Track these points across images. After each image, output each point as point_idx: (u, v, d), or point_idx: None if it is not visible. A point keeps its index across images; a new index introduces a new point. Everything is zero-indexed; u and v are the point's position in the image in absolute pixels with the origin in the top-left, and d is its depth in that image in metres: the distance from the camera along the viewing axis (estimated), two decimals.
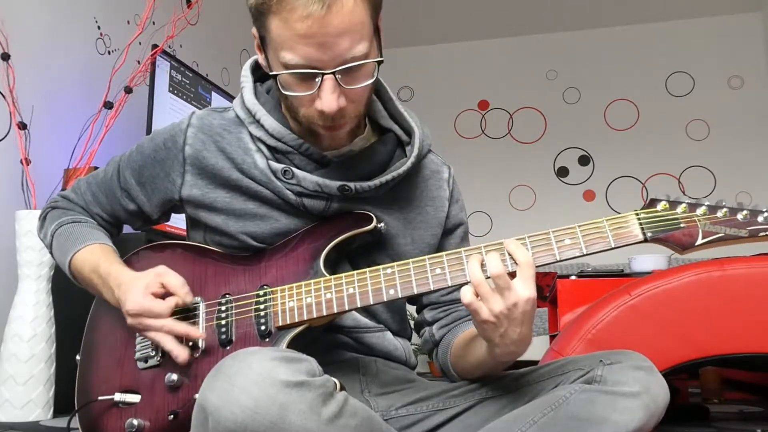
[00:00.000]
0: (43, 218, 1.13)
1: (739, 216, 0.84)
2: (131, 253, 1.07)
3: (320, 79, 0.86)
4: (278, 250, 0.99)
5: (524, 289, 0.82)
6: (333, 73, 0.86)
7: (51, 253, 1.09)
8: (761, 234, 0.83)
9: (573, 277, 2.39)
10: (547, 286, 4.55)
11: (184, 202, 1.03)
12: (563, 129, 5.35)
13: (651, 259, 2.54)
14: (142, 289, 0.92)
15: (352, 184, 0.96)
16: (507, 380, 0.97)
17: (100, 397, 0.95)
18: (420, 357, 4.92)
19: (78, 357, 1.03)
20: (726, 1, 4.97)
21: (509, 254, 0.85)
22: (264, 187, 0.99)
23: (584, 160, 5.28)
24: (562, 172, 5.30)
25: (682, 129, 5.11)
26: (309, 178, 0.96)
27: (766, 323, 1.55)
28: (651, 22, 5.26)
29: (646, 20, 5.24)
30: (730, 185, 4.89)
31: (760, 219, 0.83)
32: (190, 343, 0.93)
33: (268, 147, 0.99)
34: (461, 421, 0.95)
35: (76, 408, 0.98)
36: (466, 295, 0.83)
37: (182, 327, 0.91)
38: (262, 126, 0.98)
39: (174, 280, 0.93)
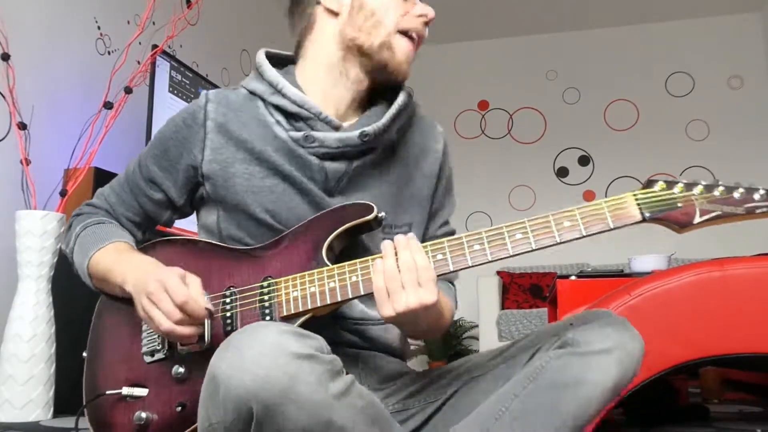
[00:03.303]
0: (68, 227, 1.14)
1: (736, 194, 0.85)
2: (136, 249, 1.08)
3: None
4: (281, 242, 1.00)
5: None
6: None
7: (72, 258, 1.09)
8: (758, 211, 0.85)
9: (573, 278, 2.39)
10: (547, 286, 4.56)
11: (204, 178, 1.05)
12: (563, 129, 5.35)
13: (651, 259, 2.54)
14: (176, 270, 0.93)
15: (369, 128, 1.02)
16: (488, 357, 1.00)
17: (108, 392, 0.95)
18: (420, 357, 4.92)
19: (84, 354, 1.04)
20: (726, 1, 4.97)
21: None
22: (285, 160, 1.02)
23: (584, 160, 5.28)
24: (562, 172, 5.30)
25: (682, 129, 5.11)
26: (331, 136, 1.02)
27: (766, 323, 1.55)
28: (651, 22, 5.26)
29: (646, 20, 5.24)
30: None
31: (756, 197, 0.85)
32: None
33: (287, 116, 1.04)
34: (451, 406, 0.98)
35: (84, 403, 0.99)
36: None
37: (186, 330, 0.91)
38: (285, 95, 1.04)
39: (197, 286, 0.94)
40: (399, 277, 0.86)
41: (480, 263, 0.89)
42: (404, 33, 1.05)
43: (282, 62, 1.14)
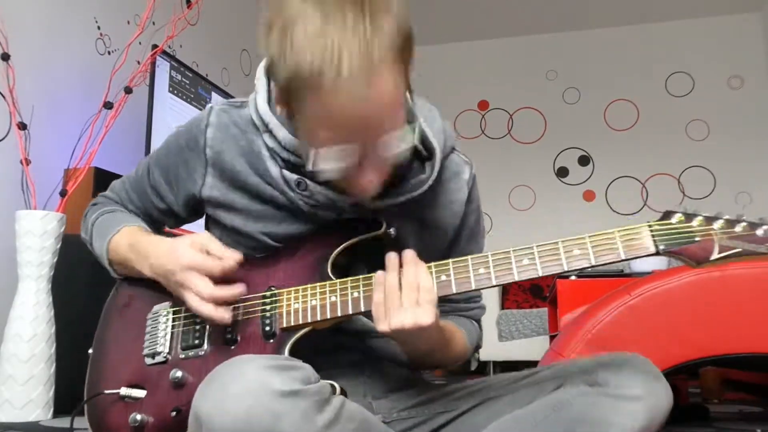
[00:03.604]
0: (84, 216, 1.15)
1: (759, 231, 0.80)
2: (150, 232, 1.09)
3: (361, 153, 0.84)
4: (288, 252, 0.99)
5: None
6: (372, 147, 0.83)
7: (91, 245, 1.10)
8: None
9: (573, 277, 2.39)
10: (547, 286, 4.56)
11: (204, 201, 1.03)
12: (563, 129, 5.35)
13: (651, 259, 2.54)
14: (189, 243, 0.92)
15: (366, 202, 0.94)
16: (509, 381, 0.97)
17: (106, 391, 0.95)
18: None
19: (90, 351, 1.04)
20: (726, 1, 4.97)
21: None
22: (280, 195, 0.98)
23: (584, 160, 5.28)
24: (562, 172, 5.30)
25: (682, 129, 5.11)
26: (323, 192, 0.94)
27: (766, 323, 1.55)
28: (651, 22, 5.26)
29: (646, 20, 5.24)
30: (729, 185, 4.89)
31: None
32: (197, 342, 0.94)
33: (282, 157, 0.97)
34: (463, 422, 0.96)
35: (84, 400, 0.99)
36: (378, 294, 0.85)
37: (227, 292, 0.90)
38: (275, 137, 0.96)
39: (217, 245, 0.92)
40: (399, 294, 0.84)
41: (484, 287, 0.86)
42: None
43: None
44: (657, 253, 0.82)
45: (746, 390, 2.88)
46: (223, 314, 0.89)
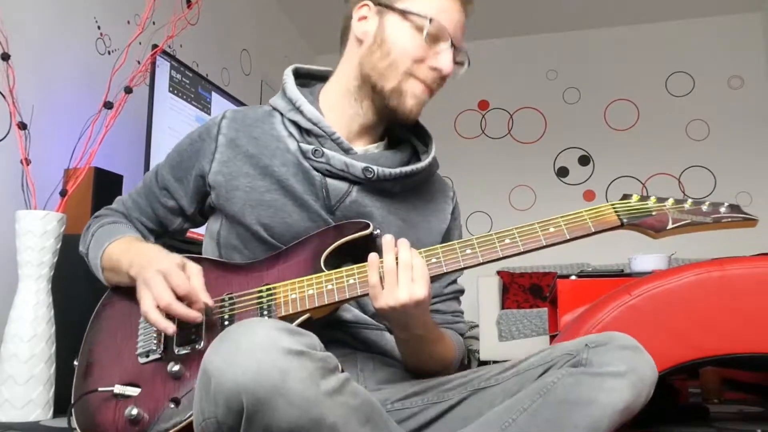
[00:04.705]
0: (86, 228, 1.18)
1: (704, 207, 0.97)
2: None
3: (446, 46, 1.06)
4: (280, 256, 1.03)
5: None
6: (455, 46, 1.07)
7: (88, 254, 1.14)
8: (724, 221, 0.96)
9: (573, 278, 2.39)
10: (547, 286, 4.56)
11: (210, 188, 1.10)
12: (563, 129, 5.35)
13: (651, 259, 2.54)
14: (174, 258, 0.98)
15: (374, 167, 1.06)
16: (499, 371, 0.99)
17: (100, 388, 0.95)
18: None
19: (75, 362, 1.03)
20: (726, 1, 4.97)
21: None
22: (290, 174, 1.06)
23: (584, 160, 5.28)
24: (562, 172, 5.30)
25: (682, 129, 5.11)
26: (338, 157, 1.05)
27: (766, 323, 1.55)
28: (651, 22, 5.26)
29: (646, 20, 5.24)
30: (730, 185, 4.89)
31: (722, 209, 0.96)
32: (193, 337, 0.95)
33: (301, 131, 1.09)
34: (455, 413, 0.97)
35: (72, 404, 0.98)
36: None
37: (183, 309, 0.93)
38: (301, 112, 1.08)
39: (198, 276, 0.97)
40: (396, 272, 0.91)
41: (471, 265, 0.95)
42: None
43: (315, 77, 1.19)
44: (621, 226, 0.97)
45: (746, 390, 2.88)
46: (167, 325, 0.91)
